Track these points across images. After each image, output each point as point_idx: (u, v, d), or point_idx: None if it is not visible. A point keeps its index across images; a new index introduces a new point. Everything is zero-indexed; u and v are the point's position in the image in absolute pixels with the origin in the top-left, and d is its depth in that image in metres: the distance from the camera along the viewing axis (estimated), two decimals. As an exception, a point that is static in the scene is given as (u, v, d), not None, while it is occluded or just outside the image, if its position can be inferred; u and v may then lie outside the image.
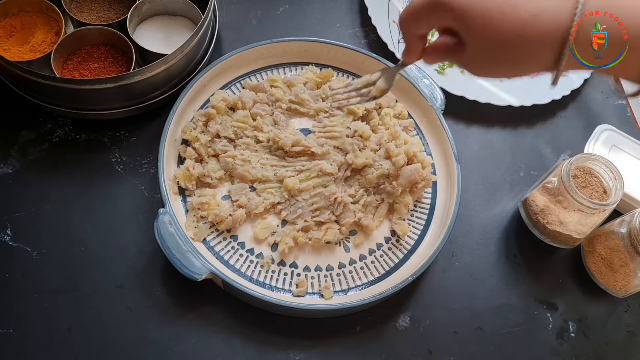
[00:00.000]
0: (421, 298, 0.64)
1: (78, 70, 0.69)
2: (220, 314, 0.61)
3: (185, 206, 0.63)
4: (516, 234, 0.70)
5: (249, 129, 0.67)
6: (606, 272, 0.66)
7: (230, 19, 0.81)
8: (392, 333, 0.62)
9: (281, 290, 0.60)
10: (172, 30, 0.74)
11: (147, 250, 0.63)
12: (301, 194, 0.64)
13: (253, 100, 0.68)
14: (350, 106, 0.66)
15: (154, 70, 0.65)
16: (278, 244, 0.62)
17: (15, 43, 0.69)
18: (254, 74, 0.72)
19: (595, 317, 0.66)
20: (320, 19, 0.83)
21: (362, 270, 0.62)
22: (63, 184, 0.66)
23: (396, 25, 0.82)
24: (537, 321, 0.65)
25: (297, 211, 0.63)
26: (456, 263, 0.67)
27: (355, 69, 0.74)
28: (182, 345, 0.59)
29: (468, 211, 0.70)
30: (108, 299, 0.60)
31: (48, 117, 0.69)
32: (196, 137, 0.65)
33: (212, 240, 0.62)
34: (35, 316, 0.59)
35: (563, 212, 0.64)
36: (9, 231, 0.63)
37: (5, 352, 0.57)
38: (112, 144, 0.69)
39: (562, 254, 0.70)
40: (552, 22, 0.37)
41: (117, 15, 0.73)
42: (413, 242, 0.65)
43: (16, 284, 0.60)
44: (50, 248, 0.62)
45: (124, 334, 0.59)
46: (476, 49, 0.41)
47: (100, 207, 0.65)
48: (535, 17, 0.37)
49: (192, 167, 0.63)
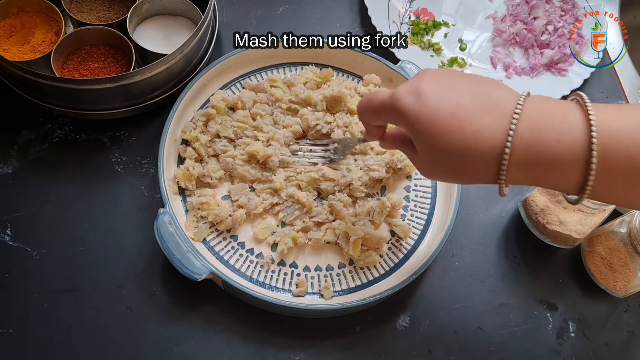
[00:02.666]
0: (421, 298, 0.64)
1: (78, 70, 0.69)
2: (220, 314, 0.61)
3: (185, 206, 0.63)
4: (516, 234, 0.70)
5: (249, 129, 0.67)
6: (606, 272, 0.66)
7: (230, 19, 0.81)
8: (392, 333, 0.62)
9: (281, 290, 0.60)
10: (172, 30, 0.74)
11: (147, 250, 0.63)
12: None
13: (253, 100, 0.68)
14: (310, 161, 0.66)
15: (154, 70, 0.65)
16: (278, 244, 0.62)
17: (15, 43, 0.69)
18: (254, 74, 0.72)
19: (595, 317, 0.66)
20: (320, 19, 0.83)
21: (362, 270, 0.62)
22: (63, 184, 0.66)
23: (396, 26, 0.82)
24: (537, 321, 0.65)
25: (294, 213, 0.63)
26: (456, 263, 0.67)
27: (355, 69, 0.74)
28: (182, 345, 0.59)
29: (468, 211, 0.70)
30: (108, 299, 0.60)
31: (48, 117, 0.69)
32: (196, 137, 0.65)
33: (212, 240, 0.62)
34: (35, 316, 0.59)
35: (563, 212, 0.64)
36: (9, 231, 0.63)
37: (5, 352, 0.57)
38: (112, 144, 0.69)
39: (562, 254, 0.70)
40: (490, 141, 0.39)
41: (117, 15, 0.73)
42: (413, 242, 0.65)
43: (16, 284, 0.60)
44: (50, 248, 0.62)
45: (124, 334, 0.59)
46: (423, 155, 0.43)
47: (100, 207, 0.65)
48: (476, 135, 0.39)
49: (192, 167, 0.63)
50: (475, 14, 0.87)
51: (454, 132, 0.39)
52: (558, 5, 0.86)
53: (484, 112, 0.39)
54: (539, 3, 0.85)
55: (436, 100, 0.40)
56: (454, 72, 0.44)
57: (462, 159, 0.40)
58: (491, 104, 0.39)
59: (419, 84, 0.42)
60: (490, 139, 0.38)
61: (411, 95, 0.41)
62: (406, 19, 0.84)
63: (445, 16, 0.86)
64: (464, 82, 0.41)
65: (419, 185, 0.68)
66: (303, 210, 0.63)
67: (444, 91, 0.40)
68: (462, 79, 0.42)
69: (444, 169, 0.42)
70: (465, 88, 0.41)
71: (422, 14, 0.85)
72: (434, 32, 0.84)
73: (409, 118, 0.41)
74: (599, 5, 0.86)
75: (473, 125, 0.39)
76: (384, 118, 0.46)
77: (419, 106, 0.41)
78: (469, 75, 0.43)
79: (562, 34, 0.83)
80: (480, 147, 0.39)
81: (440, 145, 0.40)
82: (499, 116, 0.39)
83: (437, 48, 0.82)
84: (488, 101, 0.40)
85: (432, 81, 0.42)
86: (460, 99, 0.40)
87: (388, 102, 0.43)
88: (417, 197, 0.67)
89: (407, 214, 0.66)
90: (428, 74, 0.43)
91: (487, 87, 0.41)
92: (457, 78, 0.42)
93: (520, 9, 0.85)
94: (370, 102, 0.46)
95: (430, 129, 0.40)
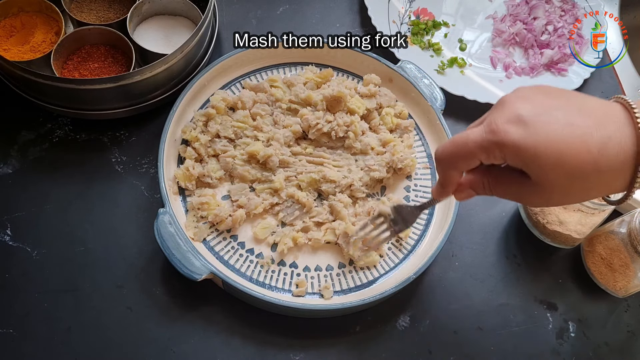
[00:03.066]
0: (421, 298, 0.64)
1: (78, 70, 0.69)
2: (220, 314, 0.61)
3: (185, 206, 0.63)
4: (516, 234, 0.70)
5: (249, 129, 0.67)
6: (606, 272, 0.66)
7: (230, 19, 0.81)
8: (392, 333, 0.62)
9: (281, 290, 0.60)
10: (172, 30, 0.74)
11: (147, 250, 0.63)
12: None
13: (253, 100, 0.68)
14: (379, 244, 0.60)
15: (154, 70, 0.65)
16: (278, 244, 0.62)
17: (15, 43, 0.69)
18: (254, 74, 0.72)
19: (595, 317, 0.66)
20: (320, 19, 0.83)
21: (362, 270, 0.62)
22: (63, 184, 0.66)
23: (396, 26, 0.82)
24: (537, 321, 0.65)
25: (294, 213, 0.63)
26: (456, 263, 0.67)
27: (355, 69, 0.74)
28: (182, 345, 0.59)
29: (468, 211, 0.70)
30: (108, 299, 0.60)
31: (48, 117, 0.69)
32: (196, 137, 0.65)
33: (212, 240, 0.62)
34: (35, 316, 0.59)
35: (563, 212, 0.64)
36: (9, 231, 0.63)
37: (5, 352, 0.57)
38: (112, 144, 0.69)
39: (562, 254, 0.70)
40: (621, 150, 0.38)
41: (117, 15, 0.73)
42: (413, 242, 0.65)
43: (16, 284, 0.60)
44: (50, 248, 0.62)
45: (124, 334, 0.59)
46: (547, 185, 0.40)
47: (100, 207, 0.65)
48: (602, 149, 0.38)
49: (192, 167, 0.63)
50: (475, 14, 0.87)
51: (580, 153, 0.38)
52: (558, 5, 0.86)
53: (600, 125, 0.38)
54: (539, 3, 0.85)
55: (547, 125, 0.38)
56: (538, 91, 0.42)
57: (593, 176, 0.38)
58: (600, 115, 0.39)
59: (516, 111, 0.39)
60: (618, 148, 0.38)
61: (515, 125, 0.39)
62: (406, 19, 0.84)
63: (445, 16, 0.86)
64: (557, 100, 0.40)
65: (419, 185, 0.68)
66: (303, 210, 0.63)
67: (548, 114, 0.39)
68: (551, 97, 0.41)
69: (572, 192, 0.40)
70: (564, 106, 0.40)
71: (422, 14, 0.85)
72: (434, 32, 0.84)
73: (526, 150, 0.38)
74: (599, 5, 0.86)
75: (597, 141, 0.38)
76: (482, 159, 0.42)
77: (532, 135, 0.38)
78: (551, 92, 0.41)
79: (562, 34, 0.83)
80: (610, 159, 0.38)
81: (568, 169, 0.38)
82: (617, 124, 0.38)
83: (437, 48, 0.82)
84: (595, 113, 0.39)
85: (527, 106, 0.40)
86: (568, 118, 0.39)
87: (491, 140, 0.40)
88: (417, 197, 0.67)
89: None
90: (516, 99, 0.41)
91: (580, 100, 0.40)
92: (546, 97, 0.41)
93: (520, 9, 0.85)
94: (463, 146, 0.42)
95: (554, 156, 0.38)
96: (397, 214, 0.57)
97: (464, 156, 0.42)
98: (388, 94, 0.71)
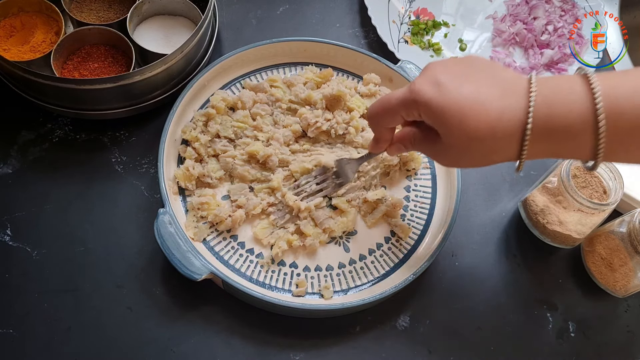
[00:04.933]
0: (421, 298, 0.64)
1: (78, 70, 0.69)
2: (220, 314, 0.61)
3: (185, 206, 0.63)
4: (516, 234, 0.70)
5: (249, 129, 0.67)
6: (606, 272, 0.66)
7: (230, 19, 0.81)
8: (392, 333, 0.62)
9: (281, 290, 0.60)
10: (172, 30, 0.74)
11: (147, 250, 0.63)
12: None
13: (253, 100, 0.68)
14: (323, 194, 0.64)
15: (153, 70, 0.65)
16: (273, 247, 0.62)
17: (15, 43, 0.69)
18: (254, 74, 0.72)
19: (595, 317, 0.66)
20: (320, 19, 0.83)
21: (362, 270, 0.62)
22: (63, 184, 0.66)
23: (396, 25, 0.82)
24: (537, 321, 0.65)
25: (284, 217, 0.63)
26: (456, 263, 0.67)
27: (355, 69, 0.74)
28: (182, 345, 0.59)
29: (468, 211, 0.70)
30: (108, 299, 0.60)
31: (48, 117, 0.69)
32: (196, 137, 0.65)
33: (212, 240, 0.62)
34: (35, 316, 0.59)
35: (563, 212, 0.64)
36: (9, 231, 0.63)
37: (5, 352, 0.57)
38: (112, 144, 0.69)
39: (562, 254, 0.70)
40: (512, 120, 0.42)
41: (117, 15, 0.73)
42: (413, 242, 0.65)
43: (16, 284, 0.60)
44: (50, 248, 0.62)
45: (124, 334, 0.59)
46: (451, 143, 0.45)
47: (100, 207, 0.65)
48: (500, 117, 0.42)
49: (192, 167, 0.63)
50: (475, 14, 0.87)
51: (480, 116, 0.42)
52: (558, 5, 0.86)
53: (503, 95, 0.42)
54: (539, 3, 0.85)
55: (457, 88, 0.43)
56: (460, 62, 0.46)
57: (489, 140, 0.42)
58: (507, 87, 0.43)
59: (435, 75, 0.44)
60: (512, 118, 0.42)
61: (431, 86, 0.44)
62: (406, 19, 0.84)
63: (445, 16, 0.86)
64: (475, 70, 0.44)
65: (419, 185, 0.68)
66: (292, 213, 0.63)
67: (461, 80, 0.43)
68: (471, 67, 0.45)
69: (472, 153, 0.44)
70: (478, 75, 0.44)
71: (422, 14, 0.85)
72: (434, 32, 0.84)
73: (436, 108, 0.43)
74: (599, 5, 0.86)
75: (496, 108, 0.42)
76: (403, 115, 0.47)
77: (443, 95, 0.43)
78: (473, 62, 0.45)
79: (562, 34, 0.83)
80: (505, 127, 0.42)
81: (468, 130, 0.42)
82: (517, 96, 0.42)
83: (437, 48, 0.82)
84: (503, 85, 0.43)
85: (446, 72, 0.44)
86: (478, 85, 0.43)
87: (409, 98, 0.45)
88: (417, 197, 0.68)
89: (407, 214, 0.66)
90: (438, 66, 0.45)
91: (496, 71, 0.44)
92: (466, 67, 0.45)
93: (520, 9, 0.85)
94: (387, 103, 0.48)
95: (458, 116, 0.42)
96: (339, 167, 0.63)
97: (388, 112, 0.48)
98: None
